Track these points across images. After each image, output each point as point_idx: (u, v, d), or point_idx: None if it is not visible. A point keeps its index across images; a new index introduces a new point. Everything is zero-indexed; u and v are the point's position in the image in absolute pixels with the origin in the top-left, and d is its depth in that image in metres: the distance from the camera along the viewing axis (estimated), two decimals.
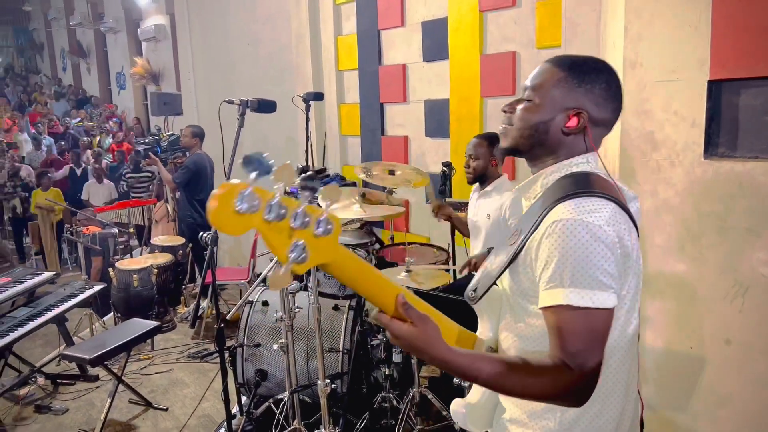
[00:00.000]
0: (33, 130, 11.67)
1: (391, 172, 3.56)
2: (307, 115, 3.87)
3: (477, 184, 3.12)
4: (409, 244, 3.75)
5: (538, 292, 1.11)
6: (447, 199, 3.44)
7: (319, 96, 4.00)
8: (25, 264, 7.70)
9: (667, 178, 2.25)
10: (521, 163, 3.70)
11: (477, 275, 1.28)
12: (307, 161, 4.05)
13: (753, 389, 2.13)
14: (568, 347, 1.05)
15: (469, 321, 1.31)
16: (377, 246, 3.87)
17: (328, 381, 2.60)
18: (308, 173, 2.64)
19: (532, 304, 1.15)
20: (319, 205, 0.98)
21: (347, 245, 3.57)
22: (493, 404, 1.31)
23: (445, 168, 3.33)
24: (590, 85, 1.18)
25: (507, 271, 1.19)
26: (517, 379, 1.08)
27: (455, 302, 1.53)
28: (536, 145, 1.22)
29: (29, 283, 3.98)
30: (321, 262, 0.99)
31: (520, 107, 1.23)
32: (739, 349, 2.14)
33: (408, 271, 2.95)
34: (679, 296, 2.28)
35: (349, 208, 3.03)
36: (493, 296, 1.27)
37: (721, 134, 2.12)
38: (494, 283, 1.21)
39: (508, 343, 1.25)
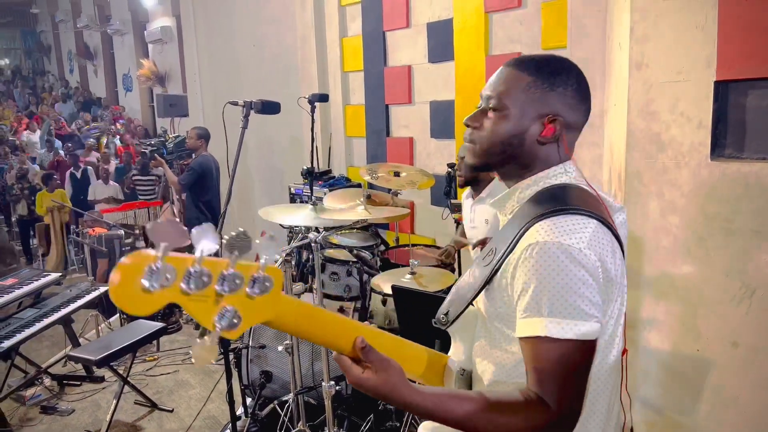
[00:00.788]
0: (38, 131, 11.73)
1: (396, 174, 3.56)
2: (312, 116, 3.88)
3: (468, 190, 3.06)
4: (413, 245, 3.74)
5: (515, 318, 1.02)
6: (452, 201, 3.43)
7: (324, 97, 4.00)
8: (33, 265, 7.74)
9: (674, 180, 2.23)
10: None
11: (448, 296, 1.19)
12: (312, 162, 4.05)
13: (760, 392, 2.12)
14: (546, 383, 0.96)
15: None
16: (382, 247, 3.87)
17: (332, 383, 2.60)
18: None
19: (509, 329, 1.06)
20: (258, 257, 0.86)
21: (352, 247, 3.57)
22: None
23: (450, 169, 3.32)
24: (562, 87, 1.09)
25: (482, 292, 1.09)
26: (489, 418, 0.98)
27: None
28: (510, 159, 1.11)
29: (36, 284, 4.00)
30: (258, 323, 0.89)
31: (487, 119, 1.11)
32: (746, 351, 2.13)
33: (413, 272, 2.94)
34: (685, 298, 2.27)
35: (353, 210, 3.02)
36: (467, 317, 1.17)
37: (727, 135, 2.10)
38: (467, 306, 1.11)
39: (482, 369, 1.14)
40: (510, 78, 1.10)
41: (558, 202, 1.04)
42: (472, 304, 1.12)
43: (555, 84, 1.08)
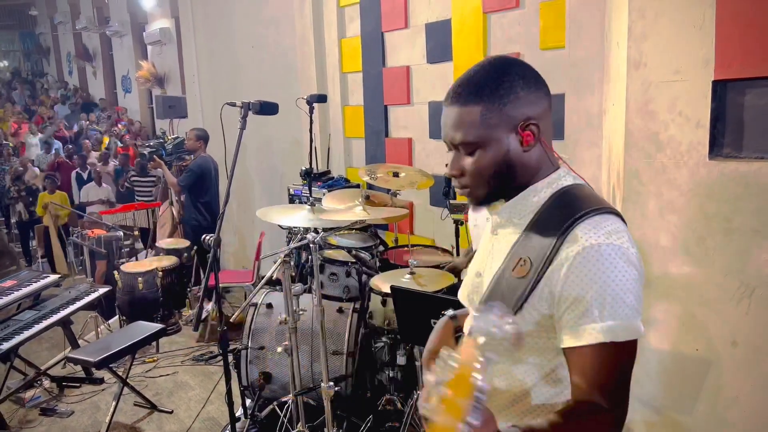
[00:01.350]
0: (39, 134, 11.73)
1: (395, 174, 3.56)
2: (311, 117, 3.88)
3: None
4: (413, 246, 3.74)
5: (549, 327, 1.01)
6: (451, 201, 3.43)
7: (322, 98, 4.00)
8: (32, 267, 7.73)
9: (672, 179, 2.23)
10: None
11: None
12: (311, 163, 4.06)
13: (760, 391, 2.11)
14: (607, 386, 0.96)
15: None
16: (381, 248, 3.87)
17: (332, 383, 2.60)
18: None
19: (540, 338, 1.05)
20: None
21: (351, 248, 3.57)
22: None
23: None
24: (513, 94, 1.06)
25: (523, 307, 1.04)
26: None
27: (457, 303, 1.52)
28: (509, 182, 1.10)
29: (35, 285, 4.00)
30: None
31: (468, 163, 1.09)
32: (746, 350, 2.12)
33: (412, 273, 2.94)
34: (685, 298, 2.27)
35: (352, 211, 3.02)
36: None
37: (726, 134, 2.10)
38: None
39: (503, 384, 1.12)
40: (463, 118, 1.07)
41: (583, 203, 1.04)
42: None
43: (503, 96, 1.05)
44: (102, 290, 4.38)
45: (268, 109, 2.54)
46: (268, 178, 6.18)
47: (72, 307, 4.01)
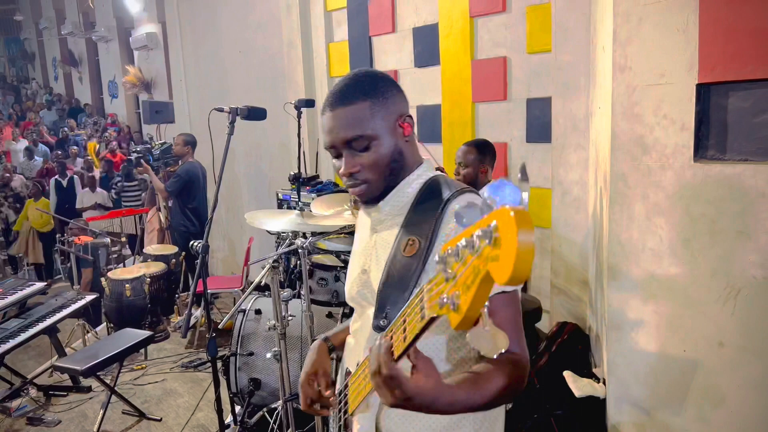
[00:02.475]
0: (22, 139, 11.61)
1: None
2: (299, 122, 3.88)
3: None
4: None
5: None
6: None
7: (310, 103, 4.00)
8: (17, 274, 7.66)
9: (658, 182, 2.25)
10: (514, 169, 3.71)
11: (377, 297, 1.15)
12: (299, 168, 4.05)
13: (747, 391, 2.13)
14: (512, 334, 1.04)
15: None
16: None
17: None
18: None
19: None
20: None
21: (339, 252, 3.56)
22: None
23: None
24: (388, 91, 1.19)
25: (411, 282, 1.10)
26: (500, 387, 1.02)
27: None
28: (399, 170, 1.20)
29: (20, 294, 3.96)
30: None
31: (365, 157, 1.16)
32: (733, 351, 2.14)
33: None
34: (671, 299, 2.28)
35: (340, 215, 3.02)
36: (364, 317, 1.25)
37: (710, 137, 2.12)
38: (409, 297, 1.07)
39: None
40: (354, 114, 1.15)
41: (451, 186, 1.17)
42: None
43: (385, 92, 1.18)
44: (89, 297, 4.35)
45: (256, 114, 2.54)
46: (257, 183, 6.16)
47: (58, 315, 3.97)
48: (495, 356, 0.94)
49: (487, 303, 0.74)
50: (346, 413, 1.27)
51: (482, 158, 2.96)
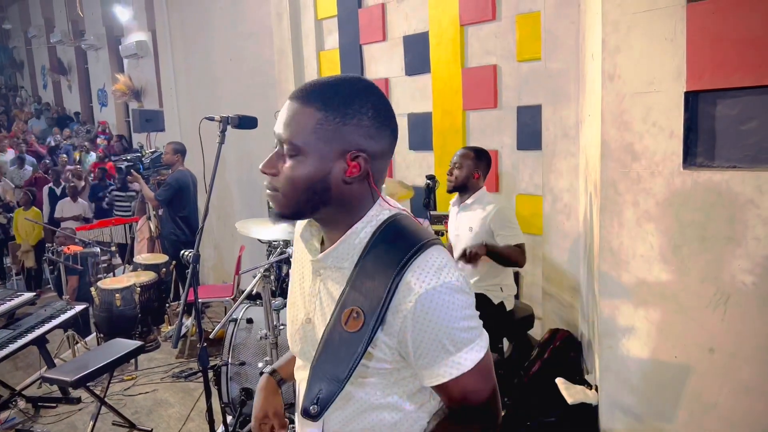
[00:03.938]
0: (10, 149, 11.52)
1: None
2: None
3: (456, 197, 3.12)
4: None
5: (403, 368, 1.03)
6: (432, 212, 3.44)
7: None
8: (6, 285, 7.58)
9: (648, 189, 2.27)
10: (505, 176, 3.72)
11: (300, 388, 1.10)
12: None
13: (737, 397, 2.15)
14: (482, 402, 1.03)
15: None
16: None
17: None
18: None
19: (389, 379, 1.04)
20: None
21: None
22: None
23: (429, 181, 3.34)
24: (357, 117, 0.97)
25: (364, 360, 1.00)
26: None
27: None
28: (319, 205, 1.00)
29: (8, 304, 3.92)
30: None
31: (285, 166, 0.99)
32: (723, 357, 2.16)
33: None
34: (662, 305, 2.30)
35: None
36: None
37: (698, 144, 2.15)
38: (344, 383, 0.98)
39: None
40: (298, 116, 0.97)
41: (405, 239, 1.00)
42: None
43: (348, 115, 0.96)
44: (78, 307, 4.30)
45: (247, 123, 2.53)
46: (248, 191, 6.14)
47: (47, 326, 3.93)
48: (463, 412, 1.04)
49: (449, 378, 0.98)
50: None
51: (477, 164, 3.00)
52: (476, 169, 3.00)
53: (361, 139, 0.97)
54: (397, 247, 0.98)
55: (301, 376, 1.16)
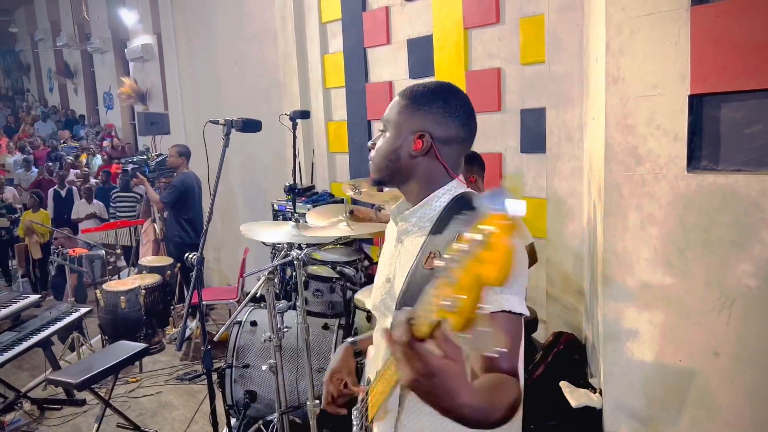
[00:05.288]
0: (17, 153, 11.59)
1: (380, 189, 3.56)
2: (294, 133, 3.89)
3: None
4: None
5: None
6: None
7: (305, 114, 4.01)
8: (11, 287, 7.60)
9: (652, 192, 2.26)
10: (509, 179, 3.72)
11: (373, 353, 1.26)
12: (294, 179, 4.05)
13: (742, 401, 2.14)
14: (509, 354, 1.07)
15: None
16: (366, 263, 3.86)
17: (317, 401, 2.58)
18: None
19: None
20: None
21: (336, 263, 3.56)
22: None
23: None
24: (428, 107, 1.24)
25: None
26: (495, 401, 0.96)
27: None
28: (394, 173, 1.29)
29: (14, 306, 3.94)
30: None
31: (380, 139, 1.31)
32: (728, 360, 2.15)
33: None
34: (666, 309, 2.29)
35: (336, 226, 3.02)
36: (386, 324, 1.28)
37: (703, 148, 2.14)
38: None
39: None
40: (393, 105, 1.29)
41: (474, 207, 1.09)
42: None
43: (421, 105, 1.25)
44: (83, 310, 4.33)
45: (251, 126, 2.54)
46: (252, 194, 6.16)
47: (52, 328, 3.95)
48: (498, 357, 1.02)
49: (488, 307, 0.77)
50: (367, 419, 1.31)
51: (470, 168, 2.98)
52: (469, 173, 2.99)
53: (429, 124, 1.24)
54: (470, 206, 1.17)
55: (377, 336, 1.39)
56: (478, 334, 0.78)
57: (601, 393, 2.62)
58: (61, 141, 12.69)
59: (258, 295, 2.79)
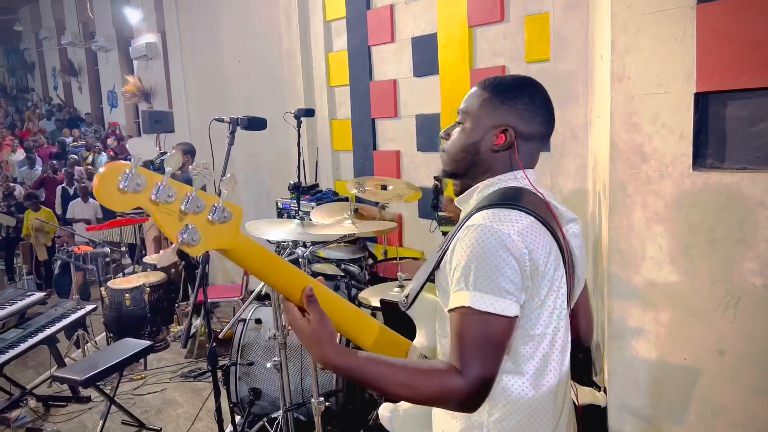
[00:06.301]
0: (21, 149, 11.62)
1: (384, 187, 3.57)
2: (299, 131, 3.89)
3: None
4: (401, 258, 3.74)
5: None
6: (440, 213, 3.44)
7: (310, 112, 4.01)
8: (16, 284, 7.64)
9: (657, 190, 2.26)
10: None
11: (411, 282, 1.30)
12: (299, 177, 4.06)
13: (747, 399, 2.13)
14: (461, 351, 1.06)
15: None
16: (370, 261, 3.87)
17: (322, 399, 2.58)
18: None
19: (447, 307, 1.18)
20: (219, 193, 1.02)
21: (340, 261, 3.56)
22: (421, 412, 1.30)
23: (437, 182, 3.34)
24: (512, 101, 1.22)
25: (435, 276, 1.21)
26: (402, 379, 1.07)
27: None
28: (470, 166, 1.26)
29: (19, 304, 3.95)
30: (215, 248, 1.02)
31: (454, 132, 1.28)
32: (733, 359, 2.14)
33: (401, 286, 2.94)
34: (672, 308, 2.29)
35: (340, 224, 3.02)
36: (429, 304, 1.31)
37: (708, 146, 2.13)
38: (421, 288, 1.22)
39: (441, 352, 1.27)
40: (473, 96, 1.27)
41: (504, 198, 1.17)
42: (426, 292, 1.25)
43: (506, 99, 1.22)
44: (89, 307, 4.34)
45: (256, 124, 2.55)
46: (256, 191, 6.16)
47: (58, 325, 3.97)
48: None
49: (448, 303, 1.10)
50: None
51: None
52: None
53: (512, 119, 1.22)
54: (491, 200, 1.18)
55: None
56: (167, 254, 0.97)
57: (605, 391, 2.62)
58: (71, 140, 12.70)
59: (263, 293, 2.79)
